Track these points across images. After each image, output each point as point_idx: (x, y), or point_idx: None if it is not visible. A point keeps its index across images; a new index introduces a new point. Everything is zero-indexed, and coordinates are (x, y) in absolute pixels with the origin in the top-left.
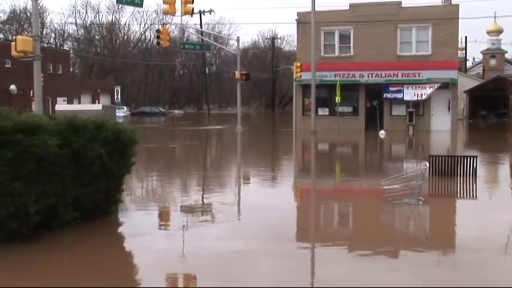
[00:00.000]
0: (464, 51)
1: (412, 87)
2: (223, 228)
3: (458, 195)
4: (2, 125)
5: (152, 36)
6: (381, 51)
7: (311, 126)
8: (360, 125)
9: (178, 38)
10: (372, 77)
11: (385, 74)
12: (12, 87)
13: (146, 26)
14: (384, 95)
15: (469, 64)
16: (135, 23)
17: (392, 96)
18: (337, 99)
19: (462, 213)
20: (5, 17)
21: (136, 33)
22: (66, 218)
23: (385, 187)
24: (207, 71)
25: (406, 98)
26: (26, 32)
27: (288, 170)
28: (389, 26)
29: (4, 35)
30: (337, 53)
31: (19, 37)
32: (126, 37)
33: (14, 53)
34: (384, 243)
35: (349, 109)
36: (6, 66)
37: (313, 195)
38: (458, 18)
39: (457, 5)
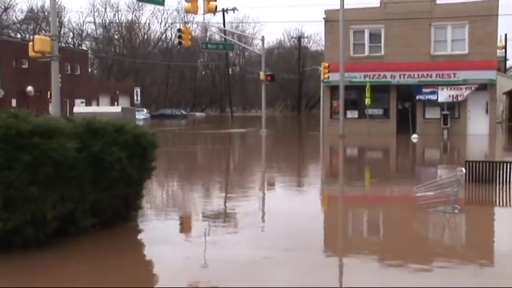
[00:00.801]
0: (503, 50)
1: (447, 89)
2: (245, 236)
3: (497, 203)
4: (20, 128)
5: (173, 35)
6: (413, 50)
7: (339, 130)
8: (391, 129)
9: (200, 38)
10: (403, 77)
11: (418, 74)
12: (29, 88)
13: (167, 25)
14: (417, 97)
15: (509, 64)
16: (155, 21)
17: (426, 98)
18: (367, 101)
19: (501, 223)
20: (22, 16)
21: (156, 32)
22: (84, 225)
23: (418, 194)
24: (230, 72)
25: (440, 99)
26: (43, 32)
27: (314, 176)
28: (423, 24)
29: (21, 34)
30: (367, 53)
31: (37, 37)
32: (146, 36)
33: (31, 53)
34: (417, 255)
35: (380, 112)
36: (23, 67)
37: (341, 202)
38: (497, 15)
39: (496, 1)
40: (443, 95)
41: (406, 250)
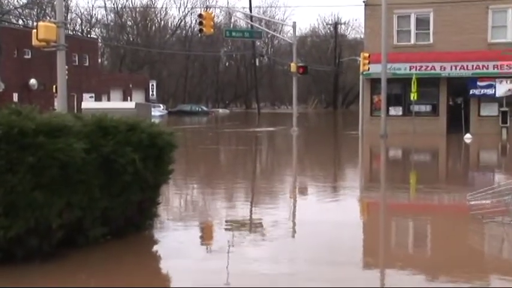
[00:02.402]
0: None
1: (507, 82)
2: (273, 249)
3: None
4: (23, 126)
5: (193, 22)
6: (467, 38)
7: (381, 129)
8: (441, 128)
9: (223, 24)
10: (455, 69)
11: (473, 66)
12: (32, 81)
13: (186, 10)
14: (471, 91)
15: None
16: (173, 6)
17: (481, 92)
18: (413, 96)
19: None
20: (25, 0)
21: (174, 18)
22: (93, 234)
23: (472, 202)
24: (257, 63)
25: (498, 94)
26: (48, 18)
27: (352, 181)
28: (478, 8)
29: (24, 21)
30: (413, 41)
31: (41, 24)
32: (162, 23)
33: (34, 42)
34: (470, 271)
35: (428, 108)
36: (26, 57)
37: (382, 211)
38: None
39: None
40: (502, 89)
41: (458, 266)
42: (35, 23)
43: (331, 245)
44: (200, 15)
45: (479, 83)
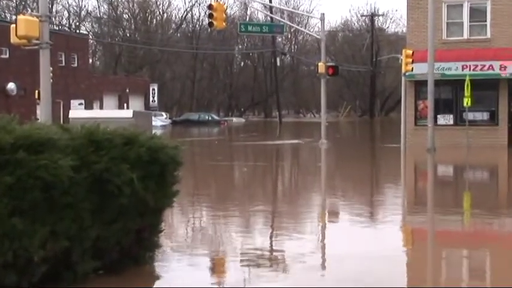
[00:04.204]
0: None
1: None
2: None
3: None
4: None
5: (202, 14)
6: None
7: (427, 141)
8: (501, 139)
9: (238, 17)
10: None
11: None
12: (11, 85)
13: (193, 0)
14: None
15: None
16: None
17: None
18: (466, 101)
19: None
20: None
21: (179, 10)
22: (82, 269)
23: None
24: (278, 63)
25: None
26: (29, 10)
27: (393, 204)
28: None
29: (0, 14)
30: (466, 36)
31: (21, 17)
32: (165, 16)
33: (13, 39)
34: None
35: (484, 116)
36: (3, 56)
37: (430, 241)
38: None
39: None
40: None
41: None
42: (13, 17)
43: (368, 283)
44: (210, 7)
45: None
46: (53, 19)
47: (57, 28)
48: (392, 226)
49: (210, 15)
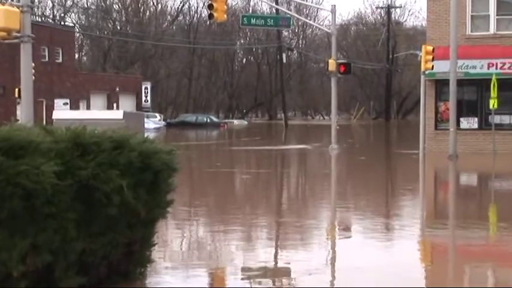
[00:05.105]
0: None
1: None
2: None
3: None
4: None
5: (200, 5)
6: None
7: (449, 147)
8: None
9: (240, 9)
10: None
11: None
12: None
13: None
14: None
15: None
16: None
17: None
18: (493, 103)
19: None
20: None
21: (175, 0)
22: (66, 285)
23: None
24: (284, 60)
25: None
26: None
27: (410, 216)
28: None
29: None
30: (492, 30)
31: (0, 8)
32: (159, 7)
33: None
34: None
35: None
36: None
37: (452, 257)
38: None
39: None
40: None
41: None
42: None
43: None
44: None
45: None
46: (36, 10)
47: (40, 20)
48: (409, 241)
49: (210, 6)
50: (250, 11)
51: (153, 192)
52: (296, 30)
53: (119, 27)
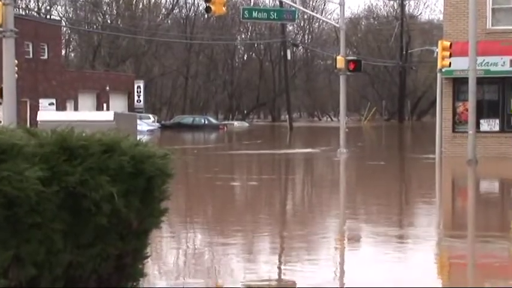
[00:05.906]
0: None
1: None
2: None
3: None
4: None
5: None
6: None
7: (468, 151)
8: None
9: (241, 1)
10: None
11: None
12: None
13: None
14: None
15: None
16: None
17: None
18: None
19: None
20: None
21: None
22: None
23: None
24: (288, 56)
25: None
26: None
27: (425, 226)
28: None
29: None
30: None
31: None
32: None
33: None
34: None
35: None
36: None
37: (471, 271)
38: None
39: None
40: None
41: None
42: None
43: None
44: None
45: None
46: (19, 2)
47: (23, 13)
48: (426, 253)
49: None
50: (252, 3)
51: (146, 200)
52: (302, 24)
53: (109, 21)
